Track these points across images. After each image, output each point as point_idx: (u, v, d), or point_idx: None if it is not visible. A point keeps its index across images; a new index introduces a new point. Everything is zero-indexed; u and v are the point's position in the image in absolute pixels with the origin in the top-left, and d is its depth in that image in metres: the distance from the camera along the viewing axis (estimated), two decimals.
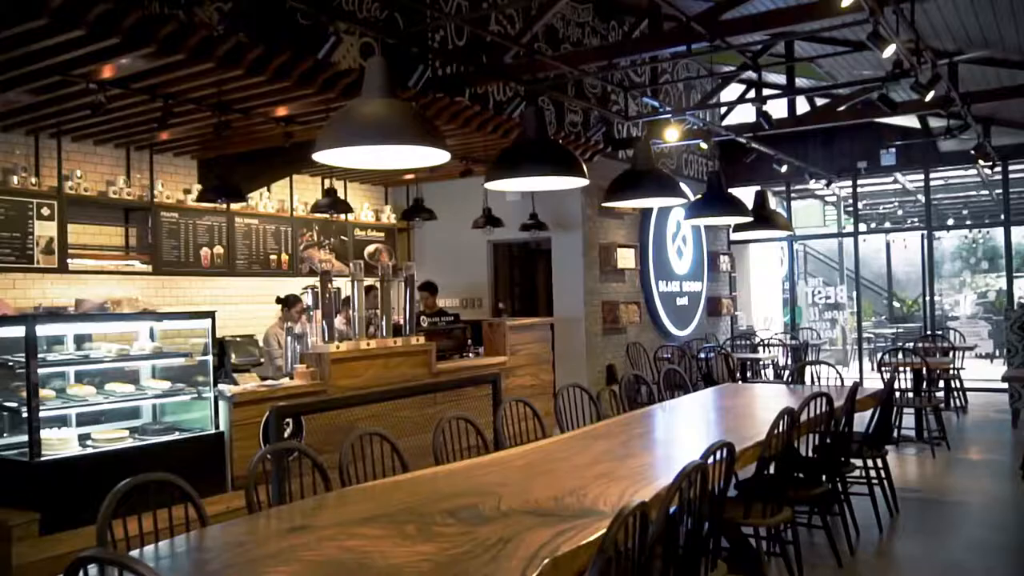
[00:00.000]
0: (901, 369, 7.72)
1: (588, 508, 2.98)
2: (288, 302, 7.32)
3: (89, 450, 4.89)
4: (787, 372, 9.42)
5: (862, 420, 5.26)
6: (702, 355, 8.96)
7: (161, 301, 7.93)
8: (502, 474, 3.61)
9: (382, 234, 10.06)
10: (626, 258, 9.74)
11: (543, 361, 8.43)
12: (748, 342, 11.21)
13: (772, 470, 4.06)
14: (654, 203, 5.16)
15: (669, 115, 7.95)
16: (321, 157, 2.87)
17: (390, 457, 3.83)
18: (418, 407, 6.63)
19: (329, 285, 6.26)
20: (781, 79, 10.31)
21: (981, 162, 10.53)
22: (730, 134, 9.13)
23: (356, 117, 2.74)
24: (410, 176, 9.82)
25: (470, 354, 7.99)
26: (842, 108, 8.60)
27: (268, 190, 9.01)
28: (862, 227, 19.11)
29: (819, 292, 15.83)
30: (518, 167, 3.66)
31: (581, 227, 9.27)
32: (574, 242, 9.31)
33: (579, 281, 9.28)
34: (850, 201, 14.05)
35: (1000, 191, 12.56)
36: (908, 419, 8.06)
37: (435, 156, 2.95)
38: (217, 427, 5.43)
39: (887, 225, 19.19)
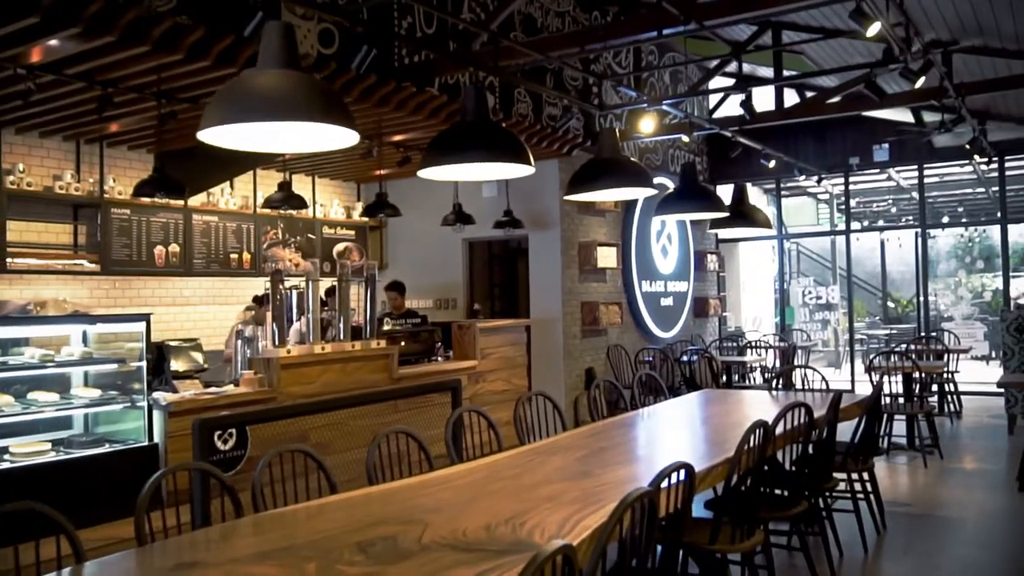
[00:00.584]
0: (891, 373, 7.34)
1: (522, 540, 2.59)
2: (264, 301, 6.91)
3: (6, 465, 4.49)
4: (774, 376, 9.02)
5: (850, 427, 4.88)
6: (685, 358, 8.56)
7: (112, 303, 7.54)
8: (439, 496, 3.23)
9: (353, 232, 9.67)
10: (607, 257, 9.34)
11: (517, 365, 8.04)
12: (734, 344, 10.82)
13: (746, 487, 3.68)
14: (620, 194, 4.76)
15: (645, 104, 7.52)
16: (207, 136, 2.47)
17: (328, 474, 3.44)
18: (378, 415, 6.23)
19: (281, 286, 5.85)
20: (770, 72, 9.94)
21: (976, 157, 10.17)
22: (714, 127, 8.74)
23: (245, 90, 2.34)
24: (381, 171, 9.42)
25: (439, 358, 7.59)
26: (833, 100, 8.22)
27: (231, 186, 8.62)
28: (856, 225, 18.75)
29: (809, 292, 15.41)
30: (452, 153, 3.25)
31: (559, 224, 8.88)
32: (551, 240, 8.91)
33: (557, 281, 8.88)
34: (843, 199, 13.68)
35: (996, 188, 12.19)
36: (899, 425, 7.69)
37: (341, 137, 2.55)
38: (151, 439, 5.03)
39: (880, 223, 18.83)
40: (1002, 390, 8.53)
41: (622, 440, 4.26)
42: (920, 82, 5.83)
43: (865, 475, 5.11)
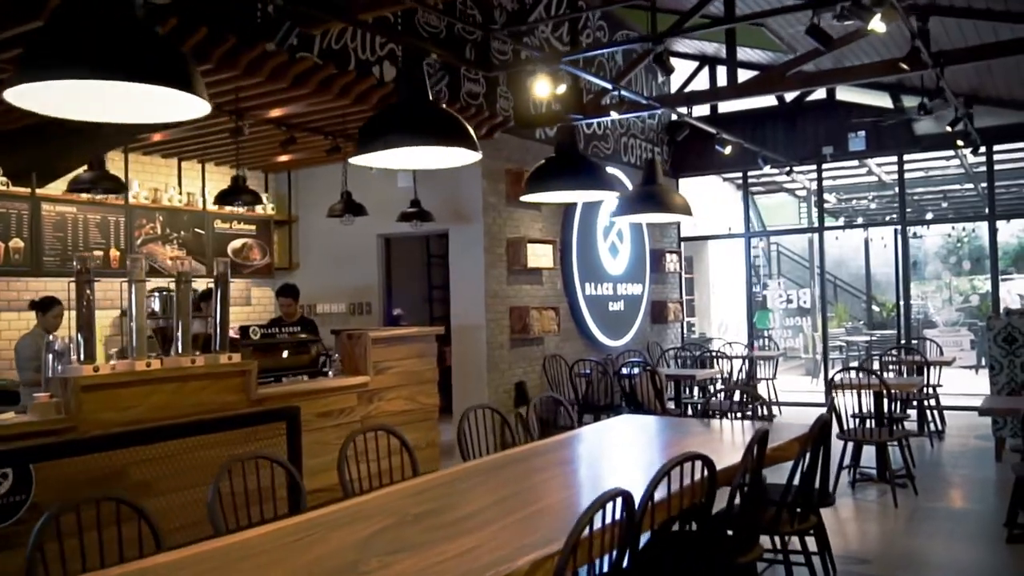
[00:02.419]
0: (860, 391, 6.21)
1: None
2: (45, 306, 5.76)
3: None
4: (724, 395, 7.88)
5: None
6: (624, 371, 7.42)
7: None
8: None
9: (253, 227, 8.51)
10: (540, 256, 8.19)
11: (424, 380, 6.86)
12: (690, 354, 9.69)
13: None
14: (422, 158, 3.54)
15: (540, 63, 6.30)
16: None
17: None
18: (231, 445, 5.10)
19: (88, 291, 4.70)
20: (738, 51, 8.83)
21: (960, 143, 9.08)
22: (655, 105, 7.58)
23: None
24: (287, 157, 8.28)
25: (330, 373, 6.45)
26: (790, 73, 7.11)
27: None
28: (835, 222, 17.61)
29: (781, 296, 14.28)
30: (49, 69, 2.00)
31: (481, 218, 7.73)
32: (473, 236, 7.77)
33: (479, 282, 7.73)
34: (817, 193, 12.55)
35: (984, 184, 11.08)
36: (870, 449, 6.56)
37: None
38: None
39: (860, 221, 17.71)
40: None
41: (454, 503, 3.11)
42: (875, 22, 4.68)
43: (812, 531, 3.98)
